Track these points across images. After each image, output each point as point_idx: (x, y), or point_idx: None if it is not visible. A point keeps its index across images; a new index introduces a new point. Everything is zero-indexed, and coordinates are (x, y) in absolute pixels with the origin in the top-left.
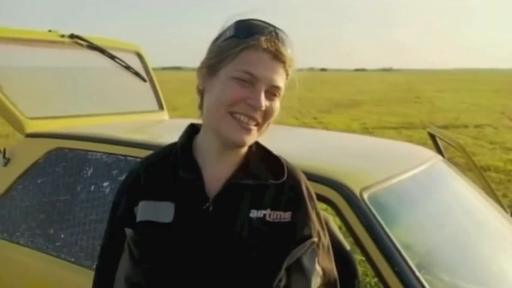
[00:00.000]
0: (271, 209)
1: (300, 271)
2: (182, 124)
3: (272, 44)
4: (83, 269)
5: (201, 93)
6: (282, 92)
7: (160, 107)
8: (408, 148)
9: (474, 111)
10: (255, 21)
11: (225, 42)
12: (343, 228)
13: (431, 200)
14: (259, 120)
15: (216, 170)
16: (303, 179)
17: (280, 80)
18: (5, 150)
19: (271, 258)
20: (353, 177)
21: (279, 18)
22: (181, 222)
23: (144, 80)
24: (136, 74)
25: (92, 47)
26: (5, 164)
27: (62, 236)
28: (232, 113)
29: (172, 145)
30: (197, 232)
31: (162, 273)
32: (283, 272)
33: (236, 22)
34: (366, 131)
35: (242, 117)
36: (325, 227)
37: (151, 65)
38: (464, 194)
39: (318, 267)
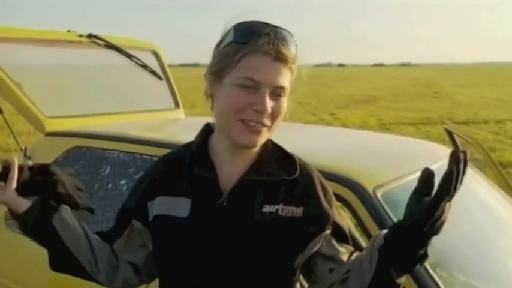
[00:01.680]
0: (284, 204)
1: (327, 258)
2: (197, 122)
3: (271, 45)
4: None
5: (211, 97)
6: (288, 91)
7: (177, 105)
8: (424, 145)
9: (495, 106)
10: (252, 24)
11: (226, 48)
12: (357, 226)
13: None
14: (268, 123)
15: (230, 168)
16: (316, 174)
17: (284, 80)
18: (26, 149)
19: (284, 252)
20: (366, 175)
21: (296, 15)
22: (197, 217)
23: (161, 78)
24: (153, 72)
25: (109, 46)
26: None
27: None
28: (241, 120)
29: (189, 144)
30: (212, 226)
31: (176, 265)
32: (296, 265)
33: (235, 26)
34: (384, 127)
35: (251, 123)
36: (342, 215)
37: (167, 62)
38: (481, 192)
39: (342, 248)
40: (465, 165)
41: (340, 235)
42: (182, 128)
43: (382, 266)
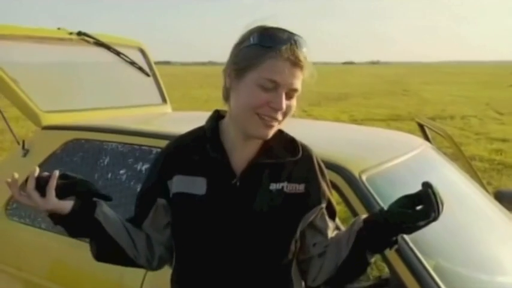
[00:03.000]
0: (288, 182)
1: (317, 231)
2: (186, 116)
3: (292, 52)
4: None
5: (227, 90)
6: (299, 93)
7: (164, 100)
8: (399, 136)
9: (460, 103)
10: (277, 31)
11: (250, 48)
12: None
13: (422, 180)
14: (280, 118)
15: (241, 151)
16: (315, 156)
17: (298, 83)
18: (24, 142)
19: (288, 223)
20: (352, 161)
21: (263, 12)
22: (213, 194)
23: (148, 75)
24: (140, 69)
25: (99, 43)
26: (24, 155)
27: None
28: (257, 114)
29: (200, 128)
30: (227, 203)
31: (194, 237)
32: (298, 234)
33: (260, 31)
34: (355, 123)
35: (266, 118)
36: (332, 193)
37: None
38: (451, 177)
39: (330, 224)
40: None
41: (331, 211)
42: (173, 121)
43: (358, 247)
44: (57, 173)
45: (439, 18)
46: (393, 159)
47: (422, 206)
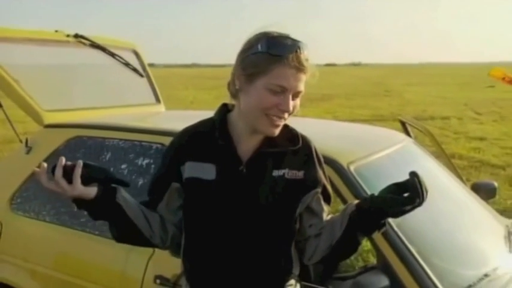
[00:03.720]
0: (289, 169)
1: (312, 214)
2: (181, 114)
3: (298, 60)
4: (108, 240)
5: (237, 90)
6: (303, 92)
7: (157, 100)
8: (383, 132)
9: (440, 103)
10: (282, 39)
11: (258, 56)
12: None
13: (405, 172)
14: (286, 117)
15: (247, 141)
16: (313, 145)
17: (302, 85)
18: (27, 139)
19: (289, 205)
20: (341, 153)
21: (246, 12)
22: (221, 180)
23: (142, 76)
24: (134, 70)
25: (94, 45)
26: (28, 152)
27: (86, 212)
28: (267, 114)
29: (208, 120)
30: (234, 187)
31: (204, 218)
32: (297, 215)
33: (267, 39)
34: None
35: (274, 118)
36: (328, 180)
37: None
38: (432, 169)
39: (325, 207)
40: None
41: (326, 196)
42: (170, 118)
43: (350, 229)
44: (81, 162)
45: (419, 20)
46: (378, 152)
47: (409, 193)
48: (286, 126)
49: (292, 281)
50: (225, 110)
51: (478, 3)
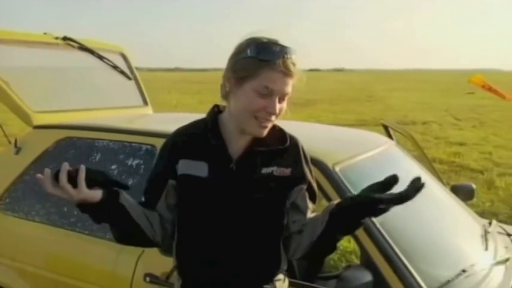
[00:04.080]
0: (277, 167)
1: (297, 210)
2: (169, 116)
3: (285, 65)
4: (98, 239)
5: (227, 92)
6: (290, 95)
7: (145, 102)
8: (366, 134)
9: (421, 109)
10: (271, 45)
11: (247, 60)
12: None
13: (387, 173)
14: (274, 119)
15: (238, 141)
16: (300, 144)
17: (289, 88)
18: (16, 140)
19: (277, 202)
20: (326, 154)
21: (229, 18)
22: (213, 177)
23: (129, 78)
24: (122, 72)
25: (83, 48)
26: (17, 153)
27: (75, 212)
28: (256, 116)
29: (201, 120)
30: (225, 184)
31: (197, 213)
32: (285, 211)
33: (256, 44)
34: None
35: (262, 120)
36: (314, 178)
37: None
38: (412, 169)
39: (310, 205)
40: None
41: (312, 193)
42: (159, 120)
43: (330, 226)
44: (83, 166)
45: (401, 27)
46: (362, 154)
47: (404, 190)
48: (275, 126)
49: (281, 276)
50: (216, 111)
51: (459, 11)
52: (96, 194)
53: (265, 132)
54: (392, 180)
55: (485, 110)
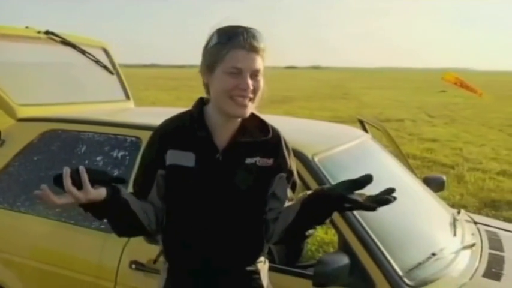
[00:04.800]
0: (260, 157)
1: (275, 197)
2: (151, 110)
3: (246, 41)
4: (83, 229)
5: (206, 85)
6: (262, 71)
7: (127, 97)
8: (344, 128)
9: (396, 106)
10: (230, 27)
11: (213, 47)
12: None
13: (363, 164)
14: (251, 96)
15: (223, 131)
16: (282, 136)
17: (258, 65)
18: (0, 133)
19: (261, 189)
20: (306, 146)
21: (205, 14)
22: (200, 166)
23: (112, 73)
24: (105, 67)
25: (65, 42)
26: (1, 145)
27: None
28: (231, 96)
29: (186, 113)
30: (212, 173)
31: (185, 201)
32: (267, 198)
33: (218, 31)
34: None
35: (239, 98)
36: (295, 170)
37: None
38: (387, 160)
39: (289, 194)
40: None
41: (292, 183)
42: (143, 114)
43: (301, 214)
44: (83, 168)
45: (376, 27)
46: (340, 146)
47: (371, 199)
48: (258, 118)
49: (262, 258)
50: (202, 103)
51: (431, 11)
52: (101, 192)
53: (247, 111)
54: (366, 180)
55: (456, 107)
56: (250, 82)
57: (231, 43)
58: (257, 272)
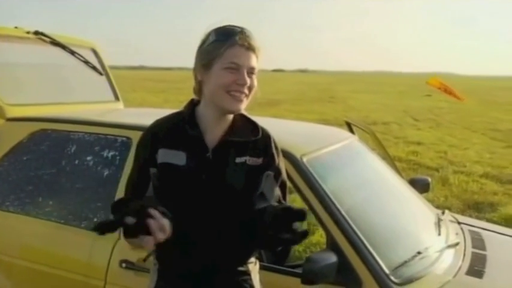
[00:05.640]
0: (250, 156)
1: (262, 197)
2: (141, 111)
3: (244, 40)
4: (73, 228)
5: (200, 83)
6: (257, 71)
7: (116, 97)
8: (330, 130)
9: (382, 110)
10: (229, 27)
11: (210, 45)
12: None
13: (351, 164)
14: (247, 92)
15: (213, 130)
16: (271, 136)
17: (254, 63)
18: None
19: (250, 188)
20: (294, 147)
21: (192, 16)
22: (191, 165)
23: (101, 74)
24: (94, 68)
25: (54, 43)
26: None
27: (51, 202)
28: (228, 91)
29: (178, 113)
30: (203, 171)
31: (176, 199)
32: (256, 196)
33: (215, 30)
34: None
35: (236, 93)
36: (285, 169)
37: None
38: (373, 162)
39: (275, 192)
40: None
41: (281, 183)
42: (132, 114)
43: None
44: (156, 211)
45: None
46: (328, 146)
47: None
48: (248, 119)
49: (253, 259)
50: (193, 104)
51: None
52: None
53: (242, 106)
54: (298, 214)
55: (441, 111)
56: (247, 78)
57: (229, 40)
58: (248, 272)
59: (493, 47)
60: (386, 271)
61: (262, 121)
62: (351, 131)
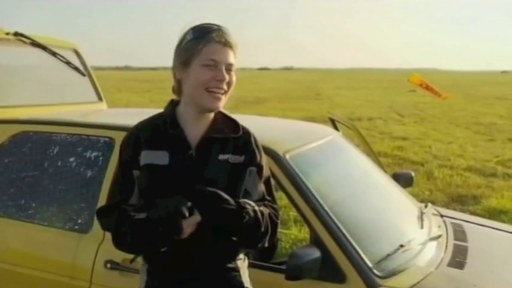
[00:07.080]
0: (232, 154)
1: (248, 195)
2: (124, 111)
3: (221, 36)
4: (57, 230)
5: (179, 82)
6: (235, 67)
7: (100, 98)
8: (315, 126)
9: (367, 106)
10: (205, 25)
11: (188, 43)
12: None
13: (334, 161)
14: (225, 88)
15: (194, 129)
16: (252, 134)
17: (232, 59)
18: None
19: (234, 185)
20: (277, 143)
21: (178, 15)
22: (174, 164)
23: (83, 75)
24: (76, 69)
25: (35, 44)
26: None
27: (34, 205)
28: (207, 88)
29: (160, 114)
30: (186, 170)
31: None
32: (242, 192)
33: (192, 28)
34: None
35: (215, 90)
36: (267, 165)
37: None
38: (357, 158)
39: (259, 188)
40: None
41: (266, 178)
42: (116, 115)
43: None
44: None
45: (347, 28)
46: (311, 143)
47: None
48: (228, 117)
49: (242, 256)
50: (173, 104)
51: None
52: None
53: (221, 104)
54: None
55: (426, 106)
56: (226, 74)
57: (206, 38)
58: (237, 269)
59: (476, 43)
60: (370, 265)
61: (245, 119)
62: (335, 127)
